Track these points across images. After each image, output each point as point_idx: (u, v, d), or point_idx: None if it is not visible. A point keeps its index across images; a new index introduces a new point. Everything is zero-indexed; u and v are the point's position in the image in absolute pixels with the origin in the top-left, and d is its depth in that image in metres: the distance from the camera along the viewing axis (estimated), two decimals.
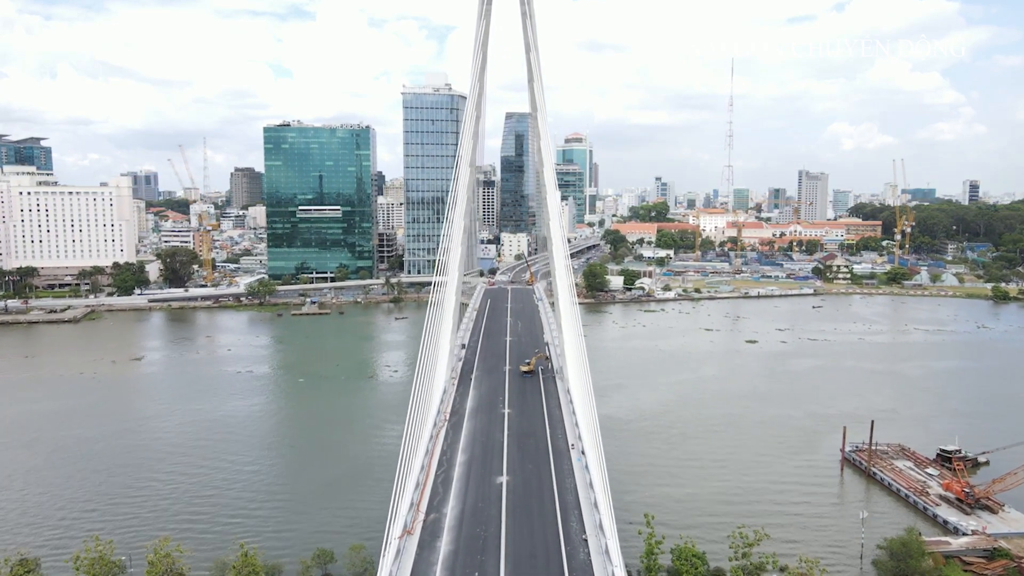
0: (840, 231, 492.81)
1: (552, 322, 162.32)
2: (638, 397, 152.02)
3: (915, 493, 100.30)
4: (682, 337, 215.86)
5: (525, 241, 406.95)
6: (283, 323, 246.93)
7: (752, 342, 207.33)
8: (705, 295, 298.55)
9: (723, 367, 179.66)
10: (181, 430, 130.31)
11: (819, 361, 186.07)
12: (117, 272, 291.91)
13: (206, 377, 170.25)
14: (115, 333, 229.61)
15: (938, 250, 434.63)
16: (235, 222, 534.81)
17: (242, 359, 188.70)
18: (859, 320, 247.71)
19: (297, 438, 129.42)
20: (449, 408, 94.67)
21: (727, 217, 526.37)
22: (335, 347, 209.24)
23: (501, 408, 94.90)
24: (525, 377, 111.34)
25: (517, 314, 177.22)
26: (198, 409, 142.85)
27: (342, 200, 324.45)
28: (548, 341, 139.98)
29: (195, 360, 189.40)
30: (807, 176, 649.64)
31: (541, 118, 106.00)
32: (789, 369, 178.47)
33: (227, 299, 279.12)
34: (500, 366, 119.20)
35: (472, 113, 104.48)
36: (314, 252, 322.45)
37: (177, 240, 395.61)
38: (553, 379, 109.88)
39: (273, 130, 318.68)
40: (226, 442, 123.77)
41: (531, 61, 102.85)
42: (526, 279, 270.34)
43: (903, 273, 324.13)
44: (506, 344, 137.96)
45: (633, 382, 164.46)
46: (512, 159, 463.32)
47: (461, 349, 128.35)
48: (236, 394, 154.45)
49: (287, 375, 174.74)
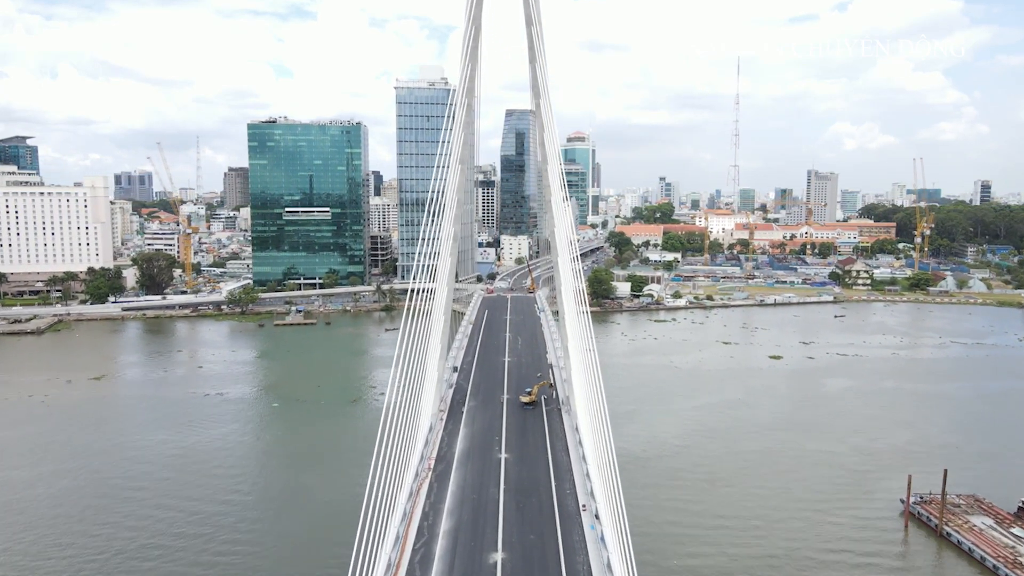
0: (853, 233, 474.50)
1: (556, 338, 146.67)
2: (655, 426, 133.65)
3: (1006, 564, 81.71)
4: (698, 352, 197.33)
5: (526, 244, 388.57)
6: (264, 334, 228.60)
7: (776, 358, 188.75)
8: (718, 302, 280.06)
9: (748, 388, 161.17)
10: (125, 472, 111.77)
11: (854, 381, 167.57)
12: (91, 278, 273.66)
13: (170, 402, 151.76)
14: (80, 347, 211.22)
15: (957, 253, 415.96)
16: (225, 224, 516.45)
17: (214, 378, 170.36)
18: (887, 331, 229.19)
19: (257, 481, 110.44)
20: (435, 451, 78.13)
21: (735, 218, 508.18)
22: (318, 363, 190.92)
23: (497, 452, 78.81)
24: (526, 409, 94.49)
25: (517, 328, 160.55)
26: (151, 444, 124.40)
27: (332, 201, 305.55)
28: (552, 363, 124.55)
29: (161, 380, 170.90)
30: (816, 176, 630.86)
31: (545, 104, 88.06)
32: (822, 391, 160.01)
33: (206, 307, 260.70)
34: (497, 394, 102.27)
35: (462, 100, 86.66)
36: (302, 256, 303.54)
37: (161, 243, 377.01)
38: (559, 412, 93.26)
39: (258, 127, 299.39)
40: (175, 485, 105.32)
41: (532, 35, 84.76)
42: (527, 286, 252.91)
43: (927, 279, 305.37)
44: (504, 366, 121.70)
45: (648, 407, 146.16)
46: (512, 158, 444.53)
47: (453, 373, 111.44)
48: (200, 423, 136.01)
49: (261, 398, 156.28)
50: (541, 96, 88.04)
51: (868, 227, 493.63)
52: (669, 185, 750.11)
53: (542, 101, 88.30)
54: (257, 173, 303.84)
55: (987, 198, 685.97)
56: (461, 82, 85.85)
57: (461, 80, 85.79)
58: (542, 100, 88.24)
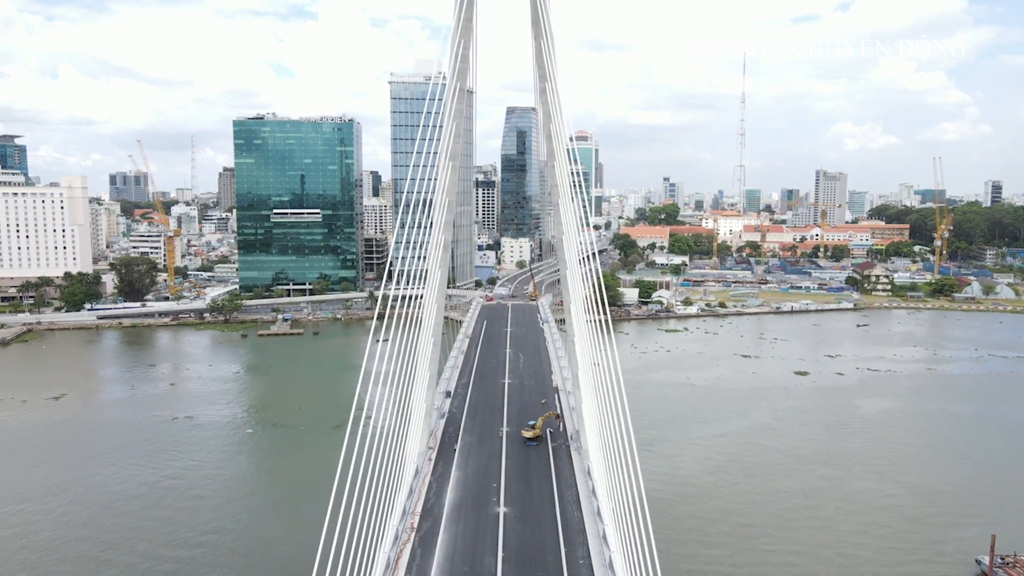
0: (865, 235, 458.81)
1: (562, 356, 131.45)
2: (678, 459, 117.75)
3: None
4: (716, 367, 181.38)
5: (528, 247, 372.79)
6: (247, 346, 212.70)
7: (802, 374, 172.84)
8: (731, 310, 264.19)
9: (775, 411, 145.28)
10: (66, 518, 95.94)
11: (892, 402, 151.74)
12: (67, 284, 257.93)
13: (132, 427, 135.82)
14: (46, 360, 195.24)
15: (975, 256, 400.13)
16: (218, 225, 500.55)
17: (185, 398, 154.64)
18: (916, 342, 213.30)
19: (208, 530, 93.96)
20: (421, 503, 64.87)
21: (743, 220, 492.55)
22: (302, 379, 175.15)
23: (495, 505, 65.72)
24: (529, 446, 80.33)
25: (519, 343, 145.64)
26: (103, 480, 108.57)
27: (324, 202, 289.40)
28: (558, 385, 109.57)
29: (127, 400, 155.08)
30: (825, 176, 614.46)
31: (552, 89, 72.62)
32: (858, 414, 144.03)
33: (188, 315, 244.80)
34: (495, 426, 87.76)
35: (452, 84, 71.38)
36: (292, 261, 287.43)
37: (147, 246, 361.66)
38: (567, 450, 78.93)
39: (244, 123, 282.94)
40: (119, 535, 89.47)
41: (538, 4, 69.34)
42: (528, 292, 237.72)
43: (951, 284, 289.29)
44: (504, 390, 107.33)
45: (668, 434, 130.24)
46: (513, 157, 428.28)
47: (446, 398, 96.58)
48: (159, 454, 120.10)
49: (235, 422, 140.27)
50: (548, 80, 72.51)
51: (880, 229, 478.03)
52: (673, 186, 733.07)
53: (548, 85, 72.82)
54: (244, 172, 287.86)
55: (998, 199, 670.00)
56: (452, 58, 70.48)
57: (452, 55, 70.41)
58: (548, 84, 72.77)
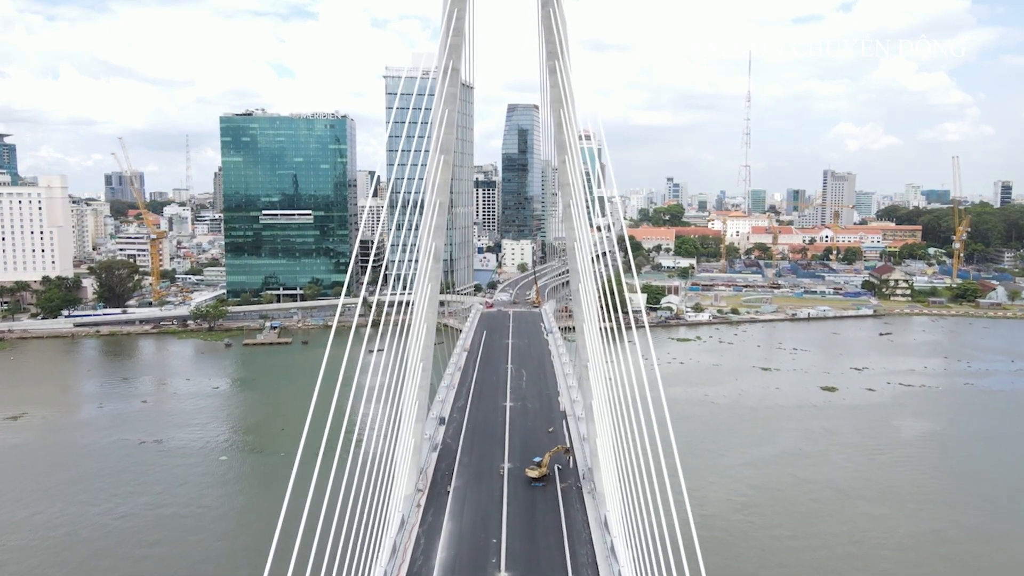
0: (876, 236, 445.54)
1: (568, 372, 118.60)
2: (701, 494, 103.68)
3: None
4: (734, 380, 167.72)
5: (529, 249, 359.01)
6: (232, 356, 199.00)
7: (830, 389, 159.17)
8: (745, 316, 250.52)
9: (806, 434, 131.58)
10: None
11: (933, 423, 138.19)
12: (45, 289, 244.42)
13: (93, 453, 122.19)
14: (12, 373, 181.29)
15: (992, 259, 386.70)
16: (210, 226, 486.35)
17: (157, 418, 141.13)
18: (945, 352, 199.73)
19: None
20: (406, 567, 53.86)
21: (750, 221, 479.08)
22: (287, 395, 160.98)
23: (494, 568, 55.07)
24: (534, 487, 69.03)
25: (521, 358, 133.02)
26: (44, 521, 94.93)
27: (316, 203, 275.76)
28: (566, 409, 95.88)
29: (92, 421, 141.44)
30: (833, 176, 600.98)
31: (562, 67, 60.02)
32: (899, 438, 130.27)
33: (170, 323, 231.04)
34: (495, 461, 76.05)
35: (444, 65, 59.41)
36: (282, 264, 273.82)
37: (134, 248, 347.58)
38: (578, 493, 67.85)
39: (231, 120, 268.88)
40: None
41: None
42: (531, 298, 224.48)
43: (974, 289, 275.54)
44: (505, 415, 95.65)
45: (688, 462, 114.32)
46: (515, 156, 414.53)
47: (439, 426, 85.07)
48: (118, 489, 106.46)
49: (208, 447, 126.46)
50: (559, 56, 59.52)
51: (892, 230, 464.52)
52: (677, 186, 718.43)
53: (559, 63, 59.91)
54: (232, 171, 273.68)
55: (1007, 199, 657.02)
56: (443, 33, 58.32)
57: (443, 30, 58.19)
58: (559, 62, 59.86)
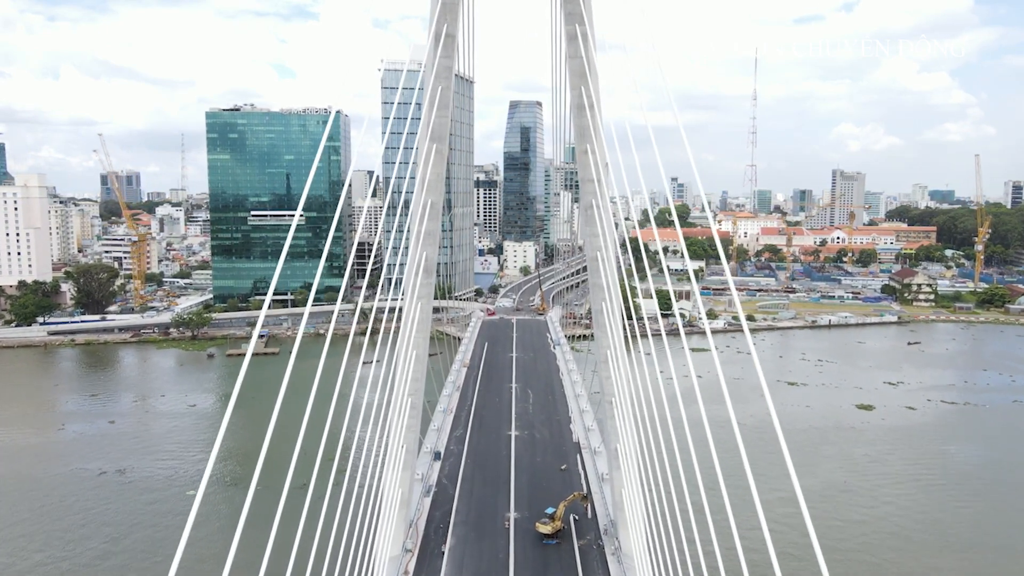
0: (890, 238, 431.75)
1: (580, 393, 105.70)
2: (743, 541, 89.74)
3: None
4: (760, 397, 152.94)
5: (532, 251, 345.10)
6: (214, 368, 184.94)
7: (866, 408, 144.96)
8: (762, 323, 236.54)
9: (848, 462, 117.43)
10: None
11: (987, 448, 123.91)
12: (20, 294, 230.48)
13: (44, 487, 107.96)
14: None
15: (1012, 261, 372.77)
16: (203, 227, 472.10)
17: (122, 442, 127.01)
18: (982, 364, 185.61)
19: None
20: None
21: (760, 221, 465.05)
22: (269, 415, 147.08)
23: None
24: (546, 545, 56.09)
25: (527, 374, 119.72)
26: None
27: (308, 203, 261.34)
28: (579, 440, 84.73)
29: (49, 446, 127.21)
30: (842, 176, 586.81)
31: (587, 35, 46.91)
32: (952, 466, 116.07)
33: (151, 331, 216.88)
34: (499, 509, 63.08)
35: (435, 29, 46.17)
36: (272, 268, 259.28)
37: (120, 250, 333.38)
38: (599, 551, 55.72)
39: (217, 115, 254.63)
40: None
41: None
42: (535, 305, 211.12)
43: (1002, 294, 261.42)
44: (511, 446, 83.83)
45: (718, 498, 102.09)
46: (517, 155, 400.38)
47: (434, 461, 73.70)
48: (67, 533, 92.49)
49: (176, 477, 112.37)
50: (582, 18, 46.59)
51: (905, 232, 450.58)
52: (682, 186, 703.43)
53: (580, 28, 47.13)
54: (218, 170, 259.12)
55: (1018, 200, 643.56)
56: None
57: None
58: (580, 27, 47.09)
